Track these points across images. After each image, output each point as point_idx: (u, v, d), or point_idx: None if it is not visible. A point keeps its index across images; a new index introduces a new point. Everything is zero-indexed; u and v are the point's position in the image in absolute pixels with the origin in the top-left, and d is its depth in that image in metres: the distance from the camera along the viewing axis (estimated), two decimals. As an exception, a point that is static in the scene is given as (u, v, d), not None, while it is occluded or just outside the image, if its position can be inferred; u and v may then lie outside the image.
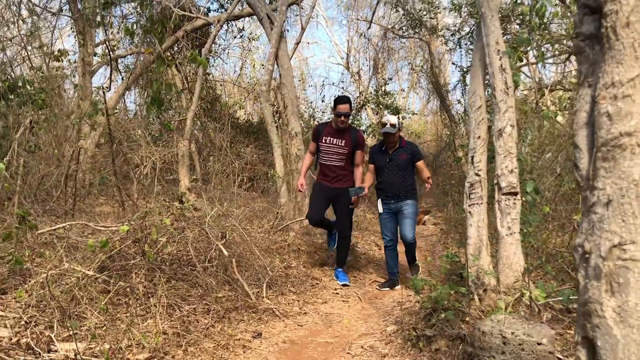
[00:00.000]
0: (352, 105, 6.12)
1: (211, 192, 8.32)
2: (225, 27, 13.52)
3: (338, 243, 6.24)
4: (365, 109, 16.73)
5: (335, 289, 5.87)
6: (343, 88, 16.81)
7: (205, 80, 13.01)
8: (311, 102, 15.92)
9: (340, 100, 6.04)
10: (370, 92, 15.56)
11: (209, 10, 12.95)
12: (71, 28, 11.62)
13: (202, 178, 10.82)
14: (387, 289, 5.99)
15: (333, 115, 6.12)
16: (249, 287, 5.05)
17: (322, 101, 15.45)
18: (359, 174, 6.16)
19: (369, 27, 16.02)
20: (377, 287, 6.05)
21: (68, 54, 11.18)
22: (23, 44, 10.05)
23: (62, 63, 10.36)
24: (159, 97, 5.36)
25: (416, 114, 18.50)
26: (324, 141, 6.12)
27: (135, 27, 5.77)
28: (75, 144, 6.69)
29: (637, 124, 1.00)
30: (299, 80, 18.12)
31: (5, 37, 10.05)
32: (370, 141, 14.03)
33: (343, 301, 5.50)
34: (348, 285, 6.04)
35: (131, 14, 12.26)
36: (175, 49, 12.44)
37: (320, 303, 5.38)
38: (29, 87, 6.30)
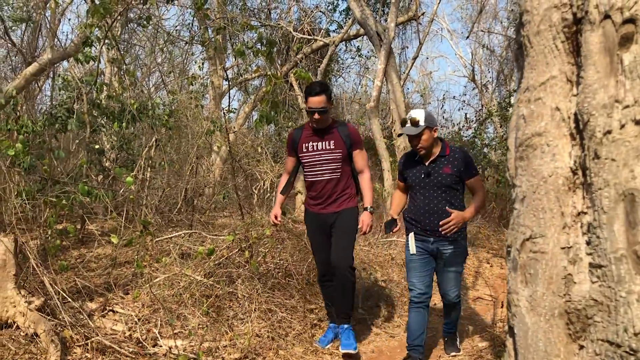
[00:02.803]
0: (332, 96, 4.31)
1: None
2: (345, 46, 13.93)
3: (337, 291, 4.33)
4: (492, 122, 16.27)
5: (435, 303, 5.82)
6: (464, 101, 16.51)
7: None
8: (432, 117, 15.79)
9: (310, 90, 4.14)
10: (494, 105, 15.12)
11: (328, 31, 13.45)
12: (196, 54, 12.60)
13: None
14: None
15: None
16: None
17: (442, 117, 15.26)
18: (366, 184, 4.32)
19: (468, 36, 15.61)
20: None
21: (202, 78, 12.20)
22: (160, 71, 11.16)
23: (195, 87, 11.36)
24: (267, 114, 5.74)
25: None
26: (304, 149, 4.30)
27: (244, 48, 6.21)
28: (195, 160, 7.30)
29: (547, 125, 1.02)
30: (421, 95, 18.07)
31: (146, 65, 11.22)
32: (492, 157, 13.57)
33: (440, 316, 5.44)
34: (352, 355, 4.20)
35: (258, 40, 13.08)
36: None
37: (416, 316, 5.38)
38: (157, 110, 7.00)
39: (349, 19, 12.08)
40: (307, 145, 4.29)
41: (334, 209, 4.29)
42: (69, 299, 4.19)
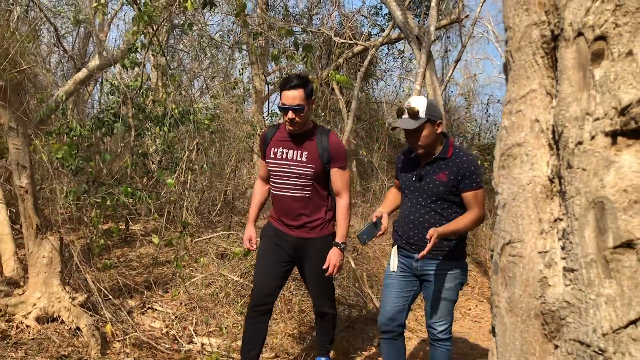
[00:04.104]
0: (312, 91, 3.38)
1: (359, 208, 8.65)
2: (386, 50, 13.96)
3: (317, 326, 3.82)
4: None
5: (469, 308, 5.80)
6: (508, 105, 16.25)
7: (366, 102, 13.57)
8: (475, 120, 15.63)
9: (285, 82, 3.33)
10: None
11: (370, 35, 13.49)
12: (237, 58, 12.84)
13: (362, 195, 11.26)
14: None
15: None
16: (377, 301, 5.25)
17: (486, 121, 15.07)
18: (341, 213, 3.44)
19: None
20: None
21: (243, 83, 12.42)
22: (204, 76, 11.45)
23: (237, 91, 11.60)
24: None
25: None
26: (272, 155, 3.46)
27: (278, 53, 6.34)
28: (235, 164, 7.48)
29: (526, 136, 1.07)
30: (465, 99, 17.89)
31: (191, 70, 11.52)
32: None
33: (474, 321, 5.43)
34: None
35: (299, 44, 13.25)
36: (341, 74, 13.19)
37: (449, 321, 5.38)
38: (199, 114, 7.21)
39: (392, 22, 12.11)
40: (275, 150, 3.46)
41: (302, 234, 3.46)
42: (110, 296, 4.38)
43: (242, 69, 9.59)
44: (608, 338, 0.90)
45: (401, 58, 14.04)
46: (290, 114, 3.27)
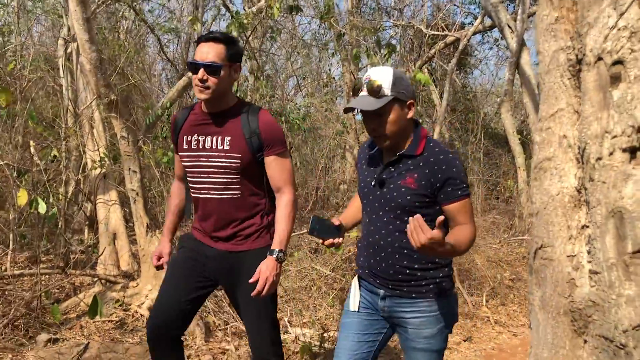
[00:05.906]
0: (239, 56, 2.47)
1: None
2: (481, 38, 13.69)
3: None
4: None
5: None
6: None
7: (461, 93, 13.39)
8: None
9: (204, 35, 2.47)
10: None
11: (463, 24, 13.27)
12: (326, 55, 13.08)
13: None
14: None
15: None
16: (468, 295, 5.28)
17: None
18: (282, 212, 2.52)
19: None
20: None
21: (335, 80, 12.69)
22: (296, 76, 11.82)
23: (329, 88, 11.88)
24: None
25: None
26: (185, 145, 2.59)
27: (359, 52, 6.47)
28: (327, 160, 7.72)
29: (555, 151, 1.16)
30: (566, 84, 17.13)
31: (284, 71, 11.94)
32: None
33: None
34: None
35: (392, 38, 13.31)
36: (434, 65, 13.13)
37: (543, 316, 5.30)
38: (291, 114, 7.52)
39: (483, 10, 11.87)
40: (189, 138, 2.58)
41: (231, 246, 2.57)
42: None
43: (329, 68, 9.80)
44: (628, 334, 1.00)
45: (497, 46, 13.70)
46: (201, 73, 2.39)
